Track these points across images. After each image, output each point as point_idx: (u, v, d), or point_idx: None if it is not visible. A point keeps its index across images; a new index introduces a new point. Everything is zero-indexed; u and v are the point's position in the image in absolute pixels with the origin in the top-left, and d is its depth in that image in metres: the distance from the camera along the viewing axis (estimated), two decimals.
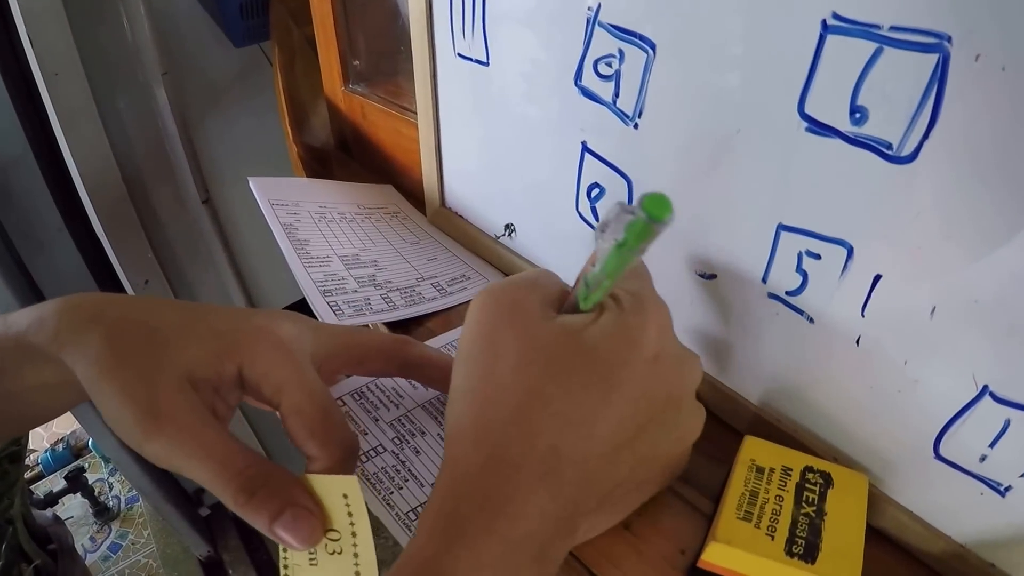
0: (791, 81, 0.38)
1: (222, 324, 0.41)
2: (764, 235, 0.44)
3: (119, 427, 0.37)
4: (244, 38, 1.15)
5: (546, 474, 0.35)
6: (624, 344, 0.37)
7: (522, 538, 0.34)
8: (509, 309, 0.39)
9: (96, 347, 0.37)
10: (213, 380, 0.39)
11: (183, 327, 0.40)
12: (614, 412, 0.37)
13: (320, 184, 0.82)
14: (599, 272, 0.36)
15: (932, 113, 0.33)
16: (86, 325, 0.38)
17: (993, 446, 0.38)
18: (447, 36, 0.62)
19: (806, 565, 0.38)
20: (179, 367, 0.38)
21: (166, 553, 2.09)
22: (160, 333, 0.39)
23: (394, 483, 0.47)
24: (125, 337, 0.38)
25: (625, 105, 0.49)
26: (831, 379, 0.45)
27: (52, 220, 1.23)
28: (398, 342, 0.49)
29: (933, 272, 0.37)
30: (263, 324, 0.42)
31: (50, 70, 1.00)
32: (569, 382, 0.36)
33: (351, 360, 0.47)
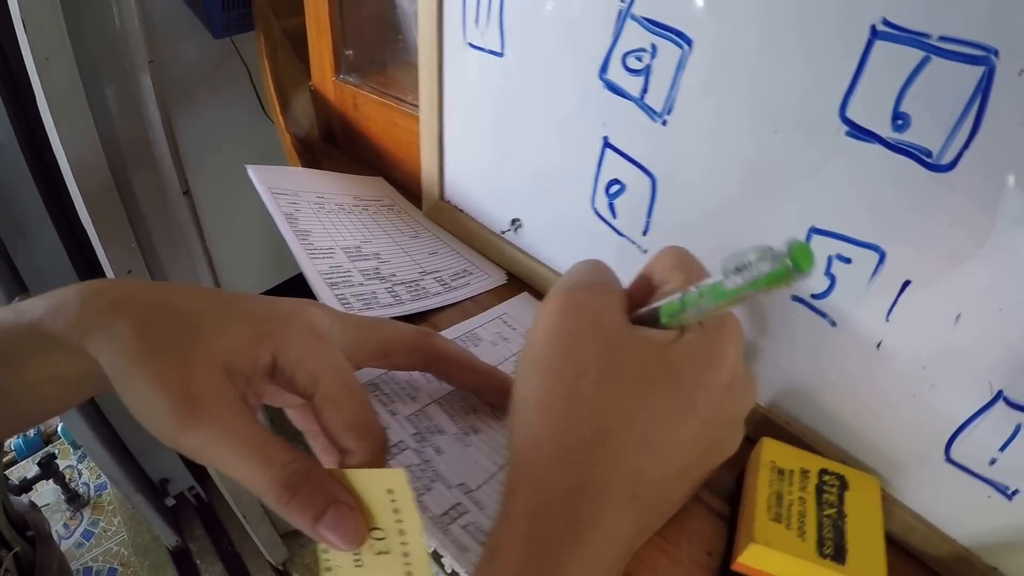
0: (835, 85, 0.38)
1: (253, 309, 0.39)
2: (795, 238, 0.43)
3: (151, 418, 0.34)
4: (223, 30, 1.13)
5: (631, 499, 0.35)
6: (705, 367, 0.37)
7: (611, 562, 0.34)
8: (592, 321, 0.38)
9: (125, 333, 0.34)
10: (248, 369, 0.37)
11: (216, 312, 0.37)
12: (689, 435, 0.36)
13: (315, 175, 0.79)
14: (705, 300, 0.34)
15: (974, 124, 0.33)
16: (112, 310, 0.35)
17: (1003, 450, 0.38)
18: (458, 25, 0.60)
19: (838, 566, 0.38)
20: (216, 354, 0.35)
21: (137, 542, 2.05)
22: (192, 318, 0.36)
23: (422, 483, 0.45)
24: (156, 322, 0.35)
25: (654, 101, 0.47)
26: (847, 382, 0.45)
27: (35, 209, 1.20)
28: (422, 335, 0.47)
29: (962, 279, 0.37)
30: (296, 310, 0.40)
31: (41, 54, 0.97)
32: (653, 402, 0.36)
33: (377, 352, 0.45)
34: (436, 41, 0.63)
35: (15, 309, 0.37)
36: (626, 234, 0.55)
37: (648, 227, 0.53)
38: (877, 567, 0.38)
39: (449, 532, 0.42)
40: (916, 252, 0.38)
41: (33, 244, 1.23)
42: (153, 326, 0.35)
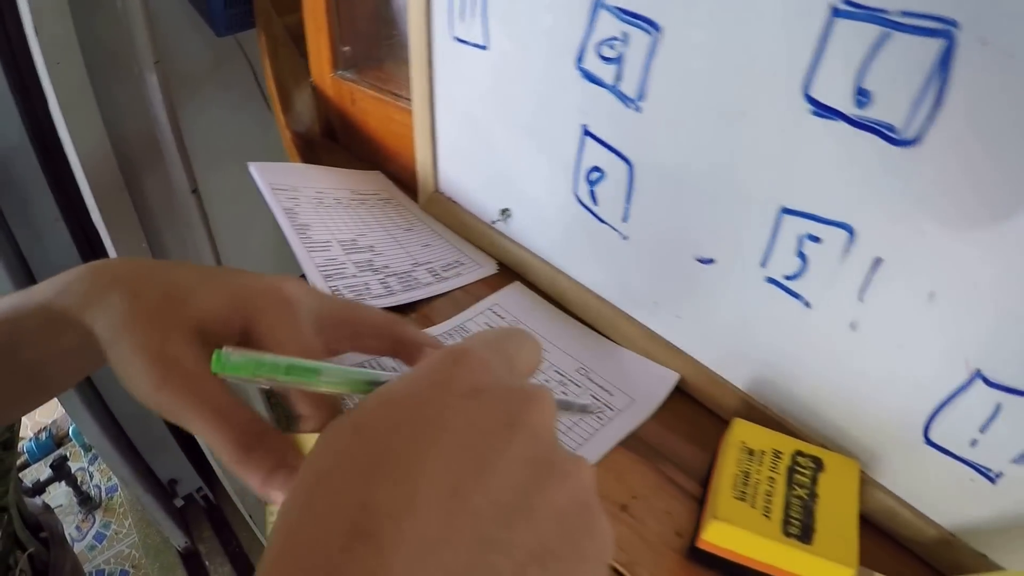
0: (797, 65, 0.38)
1: (235, 281, 0.41)
2: (766, 219, 0.44)
3: (130, 379, 0.36)
4: (227, 28, 1.14)
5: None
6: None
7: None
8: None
9: (117, 305, 0.37)
10: (220, 334, 0.39)
11: (199, 283, 0.40)
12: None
13: (314, 170, 0.81)
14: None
15: (937, 97, 0.33)
16: (109, 285, 0.38)
17: (984, 431, 0.38)
18: (445, 20, 0.62)
19: (803, 545, 0.38)
20: (191, 320, 0.38)
21: (147, 543, 2.07)
22: (179, 289, 0.39)
23: None
24: (144, 293, 0.38)
25: (628, 88, 0.48)
26: (823, 364, 0.46)
27: (49, 210, 1.23)
28: (392, 320, 0.48)
29: (934, 256, 0.37)
30: (273, 283, 0.42)
31: (52, 59, 0.99)
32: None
33: (348, 333, 0.46)
34: (425, 35, 0.65)
35: (25, 293, 0.40)
36: (607, 221, 0.56)
37: (627, 213, 0.54)
38: (847, 548, 0.39)
39: None
40: (886, 229, 0.38)
41: (47, 244, 1.26)
42: (143, 297, 0.38)
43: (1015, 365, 0.36)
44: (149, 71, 1.11)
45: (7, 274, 1.20)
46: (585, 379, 0.56)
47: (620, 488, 0.48)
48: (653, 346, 0.57)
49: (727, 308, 0.50)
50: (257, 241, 1.58)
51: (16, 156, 1.13)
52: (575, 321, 0.63)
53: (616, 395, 0.55)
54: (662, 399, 0.54)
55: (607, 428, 0.51)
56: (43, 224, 1.22)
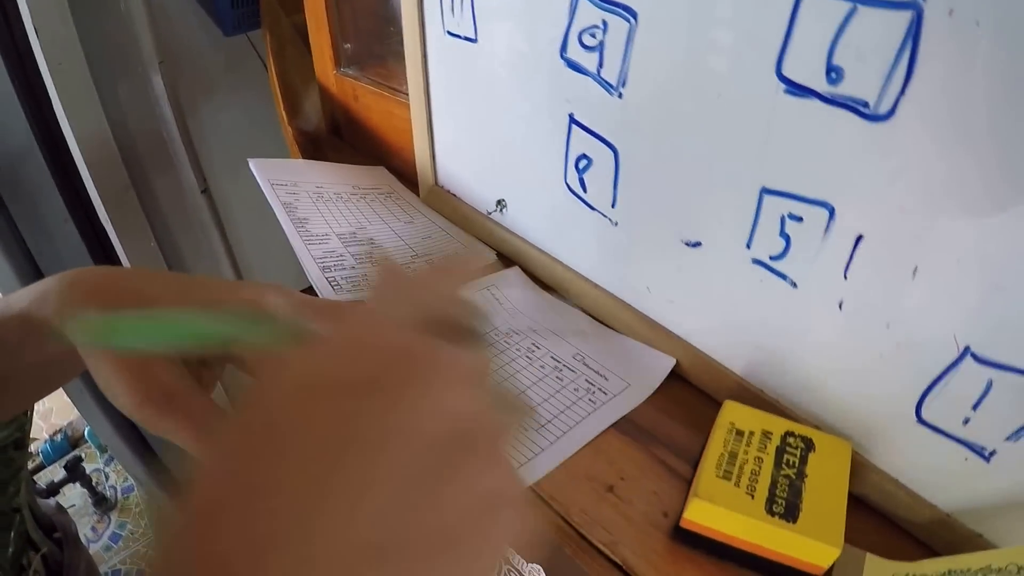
0: (768, 44, 0.39)
1: (211, 293, 0.42)
2: (748, 200, 0.45)
3: (113, 395, 0.38)
4: (234, 27, 1.16)
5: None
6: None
7: None
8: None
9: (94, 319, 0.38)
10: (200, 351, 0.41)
11: (174, 299, 0.41)
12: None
13: (316, 165, 0.83)
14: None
15: (907, 70, 0.34)
16: (85, 299, 0.40)
17: (976, 408, 0.38)
18: (437, 14, 0.63)
19: (787, 524, 0.39)
20: None
21: None
22: (152, 301, 0.40)
23: None
24: (120, 304, 0.39)
25: (609, 75, 0.49)
26: (814, 345, 0.46)
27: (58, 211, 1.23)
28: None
29: (915, 230, 0.37)
30: (249, 296, 0.43)
31: (54, 60, 1.01)
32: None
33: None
34: (419, 30, 0.66)
35: (4, 301, 0.42)
36: (597, 207, 0.57)
37: (616, 199, 0.55)
38: (833, 527, 0.39)
39: None
40: (865, 206, 0.39)
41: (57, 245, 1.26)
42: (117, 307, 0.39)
43: (1004, 340, 0.36)
44: (154, 71, 1.12)
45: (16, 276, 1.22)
46: (581, 364, 0.57)
47: (609, 470, 0.48)
48: (648, 332, 0.58)
49: (716, 291, 0.51)
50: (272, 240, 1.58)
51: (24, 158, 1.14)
52: (574, 308, 0.64)
53: (611, 379, 0.55)
54: (657, 384, 0.55)
55: (599, 412, 0.52)
56: (53, 226, 1.23)
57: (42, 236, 1.24)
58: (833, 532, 0.39)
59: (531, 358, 0.57)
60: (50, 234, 1.25)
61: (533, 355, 0.58)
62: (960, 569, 0.37)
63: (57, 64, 1.00)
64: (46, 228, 1.24)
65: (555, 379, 0.55)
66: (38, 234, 1.24)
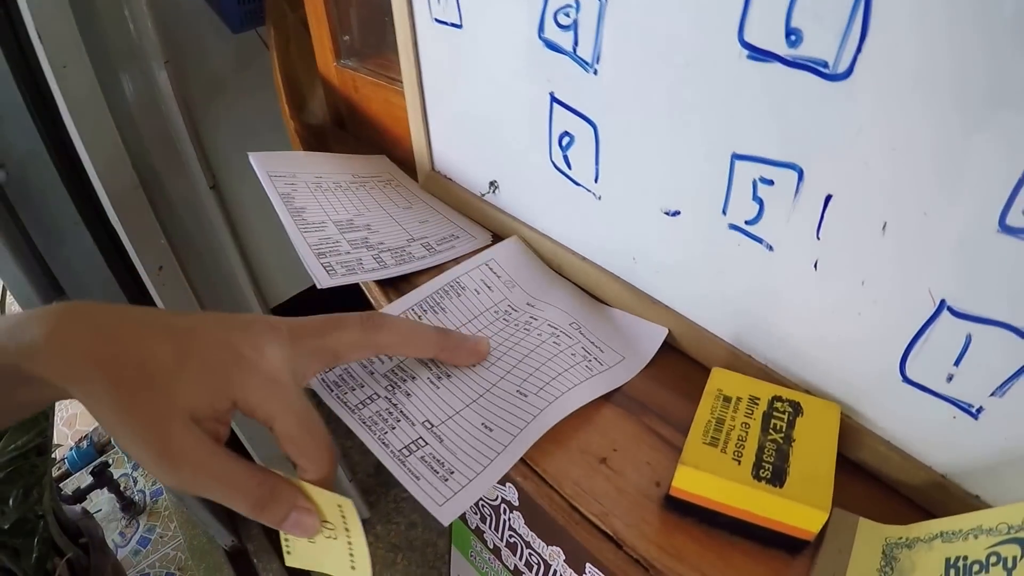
0: (729, 11, 0.40)
1: (212, 359, 0.44)
2: (720, 166, 0.46)
3: (140, 463, 0.42)
4: (241, 24, 1.17)
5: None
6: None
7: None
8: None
9: (104, 393, 0.41)
10: (211, 414, 0.43)
11: (176, 367, 0.43)
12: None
13: (316, 156, 0.85)
14: None
15: (862, 27, 0.35)
16: (87, 367, 0.41)
17: (958, 364, 0.39)
18: (424, 2, 0.65)
19: (774, 488, 0.40)
20: (182, 409, 0.42)
21: (193, 545, 2.12)
22: (157, 376, 0.42)
23: (388, 424, 0.50)
24: (127, 382, 0.41)
25: (584, 53, 0.51)
26: (794, 307, 0.47)
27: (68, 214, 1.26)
28: (367, 331, 0.51)
29: (881, 187, 0.38)
30: (250, 358, 0.45)
31: (58, 63, 1.03)
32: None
33: (329, 358, 0.51)
34: (408, 19, 0.68)
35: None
36: (581, 183, 0.58)
37: (598, 174, 0.56)
38: (821, 491, 0.40)
39: (406, 463, 0.47)
40: (831, 165, 0.40)
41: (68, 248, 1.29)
42: (125, 384, 0.41)
43: (978, 292, 0.36)
44: (159, 70, 1.14)
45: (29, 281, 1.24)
46: (577, 332, 0.58)
47: (602, 441, 0.50)
48: (638, 303, 0.59)
49: (699, 258, 0.52)
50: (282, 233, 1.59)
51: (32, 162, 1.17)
52: (569, 284, 0.65)
53: (606, 352, 0.57)
54: (650, 356, 0.56)
55: (594, 379, 0.54)
56: (64, 228, 1.25)
57: (53, 239, 1.27)
58: (821, 496, 0.39)
59: (528, 329, 0.59)
60: (61, 237, 1.28)
61: (531, 326, 0.59)
62: (951, 531, 0.37)
63: (61, 67, 1.03)
64: (57, 231, 1.26)
65: (552, 344, 0.57)
66: (49, 237, 1.26)
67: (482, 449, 0.48)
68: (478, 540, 0.88)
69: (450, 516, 0.44)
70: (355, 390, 0.53)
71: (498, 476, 0.46)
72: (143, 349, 0.43)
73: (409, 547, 1.90)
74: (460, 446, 0.48)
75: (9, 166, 1.15)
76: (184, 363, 0.43)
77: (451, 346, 0.54)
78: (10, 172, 1.15)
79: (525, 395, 0.52)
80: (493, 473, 0.46)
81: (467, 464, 0.47)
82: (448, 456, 0.48)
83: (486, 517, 0.83)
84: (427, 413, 0.51)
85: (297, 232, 0.67)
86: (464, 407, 0.52)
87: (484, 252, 0.67)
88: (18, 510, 1.28)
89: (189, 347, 0.44)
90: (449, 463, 0.47)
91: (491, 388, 0.53)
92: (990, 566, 0.34)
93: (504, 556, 0.84)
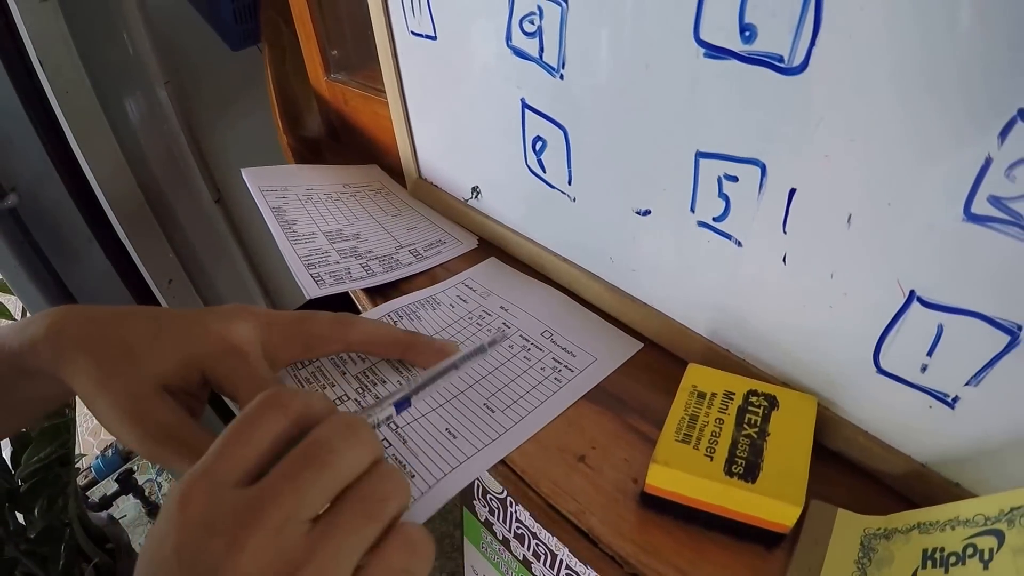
0: (684, 11, 0.39)
1: (183, 334, 0.46)
2: (685, 165, 0.45)
3: (115, 432, 0.43)
4: (240, 42, 1.17)
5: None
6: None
7: None
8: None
9: (86, 368, 0.43)
10: (183, 386, 0.45)
11: (151, 341, 0.45)
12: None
13: (308, 169, 0.84)
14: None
15: (815, 20, 0.33)
16: (75, 349, 0.43)
17: (931, 354, 0.38)
18: (400, 16, 0.64)
19: (746, 484, 0.38)
20: (154, 379, 0.43)
21: None
22: (135, 349, 0.44)
23: None
24: (108, 356, 0.43)
25: (550, 58, 0.50)
26: (767, 301, 0.46)
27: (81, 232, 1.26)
28: (339, 326, 0.52)
29: (844, 178, 0.37)
30: (218, 330, 0.46)
31: (61, 89, 1.04)
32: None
33: (301, 348, 0.52)
34: (387, 33, 0.67)
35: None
36: (556, 186, 0.57)
37: (571, 176, 0.55)
38: (794, 485, 0.38)
39: None
40: (793, 159, 0.39)
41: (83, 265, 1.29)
42: (107, 359, 0.43)
43: (947, 282, 0.35)
44: (160, 90, 1.14)
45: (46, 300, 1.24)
46: (549, 342, 0.57)
47: (581, 440, 0.49)
48: (618, 302, 0.58)
49: (671, 256, 0.51)
50: None
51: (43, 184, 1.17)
52: (549, 287, 0.64)
53: (578, 355, 0.56)
54: (623, 359, 0.55)
55: (564, 389, 0.53)
56: (78, 246, 1.26)
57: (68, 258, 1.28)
58: (794, 490, 0.38)
59: None
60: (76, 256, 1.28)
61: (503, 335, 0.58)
62: (928, 522, 0.36)
63: (64, 93, 1.03)
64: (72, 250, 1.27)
65: (523, 358, 0.56)
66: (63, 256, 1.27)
67: (445, 456, 0.47)
68: (488, 532, 0.88)
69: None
70: (326, 388, 0.52)
71: (459, 487, 0.45)
72: (124, 330, 0.45)
73: None
74: (423, 449, 0.48)
75: (21, 189, 1.14)
76: (158, 337, 0.45)
77: (418, 347, 0.54)
78: (22, 195, 1.15)
79: (492, 411, 0.51)
80: (453, 483, 0.45)
81: (428, 469, 0.46)
82: (410, 459, 0.47)
83: (494, 510, 0.83)
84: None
85: (288, 244, 0.67)
86: (430, 410, 0.51)
87: (461, 273, 0.67)
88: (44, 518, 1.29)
89: (166, 325, 0.46)
90: (411, 466, 0.46)
91: (458, 395, 0.52)
92: (967, 557, 0.33)
93: (513, 547, 0.83)
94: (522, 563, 0.82)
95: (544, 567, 0.77)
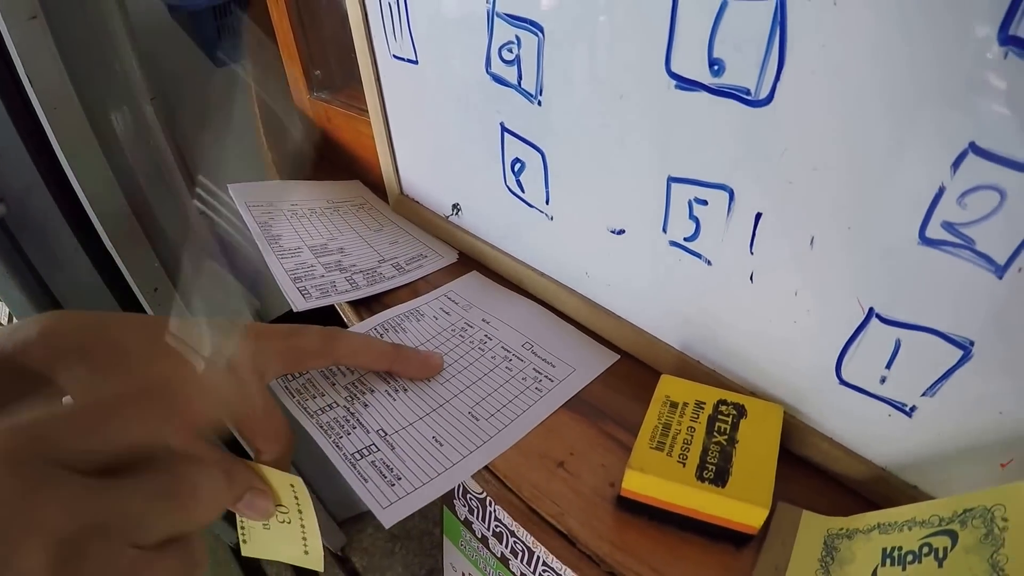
0: (656, 44, 0.40)
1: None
2: (658, 188, 0.45)
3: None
4: (224, 59, 1.16)
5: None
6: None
7: None
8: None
9: (80, 371, 0.41)
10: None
11: (145, 348, 0.44)
12: None
13: (293, 185, 0.84)
14: None
15: (779, 55, 0.34)
16: (70, 351, 0.42)
17: (890, 367, 0.38)
18: (383, 41, 0.64)
19: (717, 488, 0.39)
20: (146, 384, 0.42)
21: None
22: (129, 354, 0.43)
23: (343, 430, 0.50)
24: (102, 360, 0.42)
25: (528, 85, 0.51)
26: (735, 316, 0.47)
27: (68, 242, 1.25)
28: (327, 341, 0.52)
29: (806, 204, 0.38)
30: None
31: (49, 104, 1.02)
32: None
33: (291, 361, 0.51)
34: (369, 56, 0.67)
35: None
36: (534, 205, 0.58)
37: (548, 196, 0.56)
38: (761, 489, 0.39)
39: (356, 466, 0.47)
40: (759, 185, 0.39)
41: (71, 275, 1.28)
42: (100, 362, 0.42)
43: (904, 300, 0.36)
44: (147, 106, 1.13)
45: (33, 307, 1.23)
46: (530, 353, 0.58)
47: (560, 446, 0.49)
48: (594, 315, 0.58)
49: (644, 273, 0.51)
50: None
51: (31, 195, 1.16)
52: (528, 301, 0.64)
53: (558, 366, 0.56)
54: (601, 369, 0.56)
55: (544, 400, 0.53)
56: (64, 257, 1.24)
57: (55, 268, 1.26)
58: (761, 493, 0.39)
59: (483, 349, 0.58)
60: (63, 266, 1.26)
61: (485, 346, 0.59)
62: (888, 522, 0.37)
63: (52, 108, 1.02)
64: (59, 260, 1.25)
65: (505, 369, 0.56)
66: (50, 265, 1.25)
67: (431, 461, 0.48)
68: (467, 530, 0.88)
69: (393, 518, 0.43)
70: (316, 398, 0.53)
71: (442, 491, 0.46)
72: (118, 334, 0.44)
73: (407, 536, 1.90)
74: (410, 455, 0.48)
75: (9, 200, 1.13)
76: (152, 345, 0.44)
77: (403, 359, 0.54)
78: (10, 205, 1.13)
79: (477, 419, 0.51)
80: (437, 487, 0.46)
81: (414, 473, 0.46)
82: (397, 463, 0.47)
83: (473, 509, 0.84)
84: (382, 422, 0.51)
85: (275, 259, 0.66)
86: (418, 419, 0.51)
87: (444, 286, 0.67)
88: None
89: (157, 333, 0.45)
90: (398, 469, 0.47)
91: (444, 404, 0.53)
92: (923, 556, 0.33)
93: (491, 544, 0.83)
94: (500, 560, 0.83)
95: (522, 564, 0.78)
